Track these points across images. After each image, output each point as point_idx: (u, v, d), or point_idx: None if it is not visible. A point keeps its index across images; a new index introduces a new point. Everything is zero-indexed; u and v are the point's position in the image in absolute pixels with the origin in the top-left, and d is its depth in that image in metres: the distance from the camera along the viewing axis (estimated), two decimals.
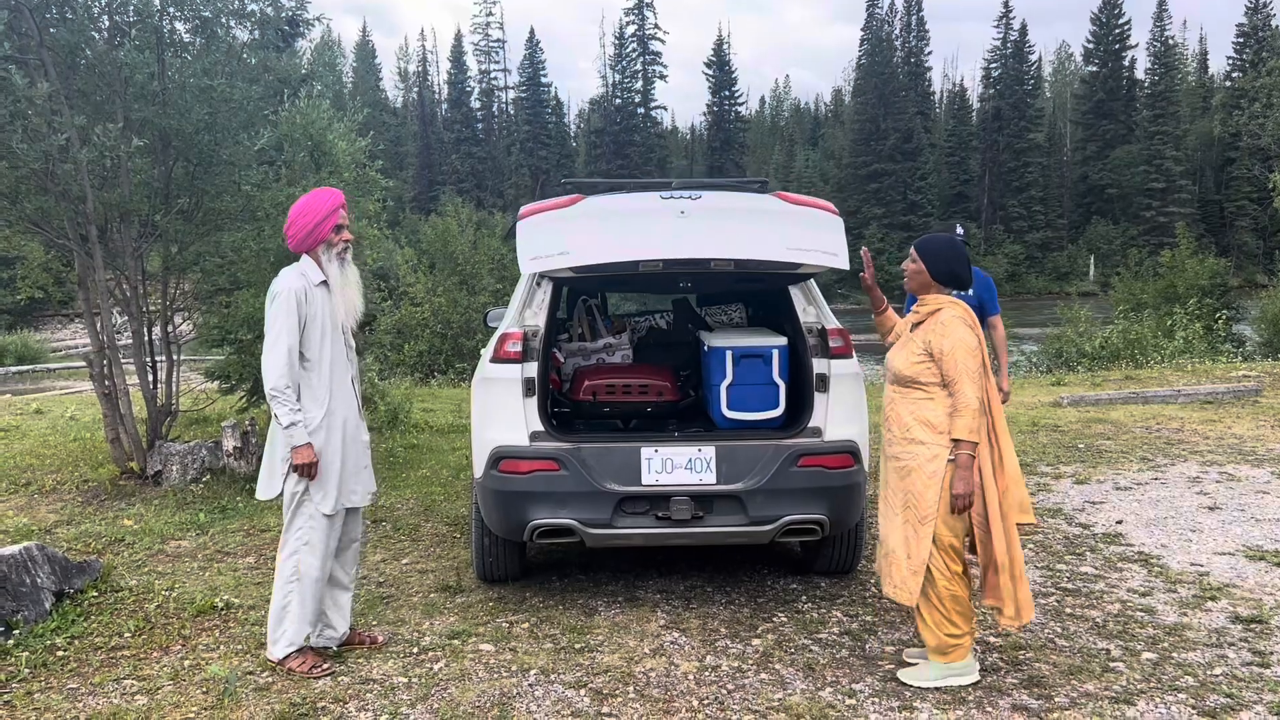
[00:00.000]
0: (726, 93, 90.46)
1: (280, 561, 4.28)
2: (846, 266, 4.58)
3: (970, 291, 5.75)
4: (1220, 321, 22.62)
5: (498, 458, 4.77)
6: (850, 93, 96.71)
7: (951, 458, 3.87)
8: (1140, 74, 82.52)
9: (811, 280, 5.28)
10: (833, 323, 5.03)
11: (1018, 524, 4.01)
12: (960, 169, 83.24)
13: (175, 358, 8.39)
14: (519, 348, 4.82)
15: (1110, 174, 77.91)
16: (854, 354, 5.04)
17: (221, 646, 4.51)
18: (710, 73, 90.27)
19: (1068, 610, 4.94)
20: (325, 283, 4.29)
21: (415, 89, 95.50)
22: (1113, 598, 5.13)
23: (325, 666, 4.21)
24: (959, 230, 6.11)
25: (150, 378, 8.11)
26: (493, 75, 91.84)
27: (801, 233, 4.58)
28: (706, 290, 6.58)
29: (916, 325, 4.11)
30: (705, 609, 5.01)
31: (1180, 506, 7.06)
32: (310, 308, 4.20)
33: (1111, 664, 4.24)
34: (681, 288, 6.24)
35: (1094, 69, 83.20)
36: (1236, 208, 74.99)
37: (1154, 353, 19.26)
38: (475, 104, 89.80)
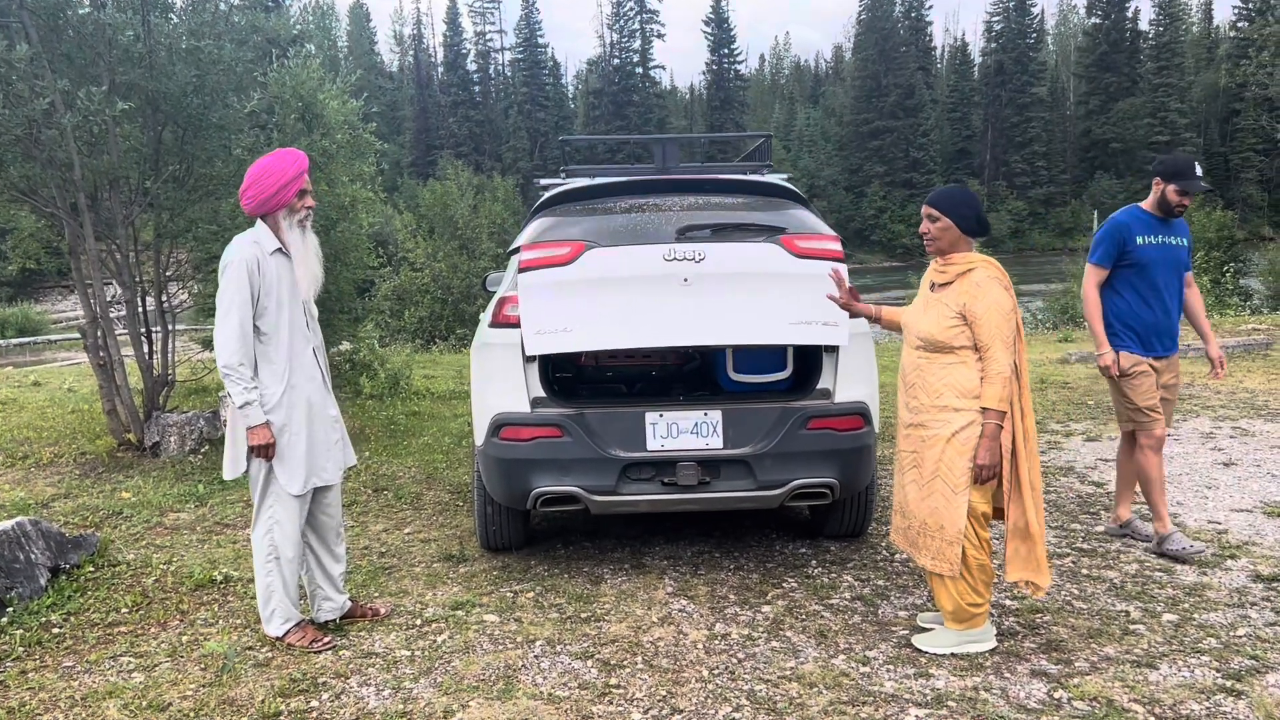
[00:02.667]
0: (725, 51, 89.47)
1: (255, 542, 4.14)
2: (845, 342, 4.54)
3: (1185, 240, 5.13)
4: (1228, 275, 22.40)
5: (499, 425, 4.65)
6: (851, 49, 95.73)
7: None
8: (1144, 25, 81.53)
9: None
10: None
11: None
12: (962, 125, 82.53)
13: (171, 327, 8.26)
14: (518, 312, 4.67)
15: (1113, 127, 77.17)
16: None
17: (220, 621, 4.42)
18: (709, 30, 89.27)
19: (1084, 571, 4.83)
20: (281, 250, 4.07)
21: (410, 52, 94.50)
22: (1129, 558, 5.02)
23: (326, 640, 4.12)
24: (1198, 170, 5.03)
25: (146, 348, 7.99)
26: (488, 37, 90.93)
27: (804, 301, 4.45)
28: None
29: (943, 285, 3.91)
30: (713, 575, 4.90)
31: (1195, 463, 6.94)
32: (264, 278, 3.99)
33: (1131, 626, 4.13)
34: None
35: (1097, 20, 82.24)
36: (1241, 160, 74.29)
37: None
38: (471, 66, 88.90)
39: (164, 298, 8.18)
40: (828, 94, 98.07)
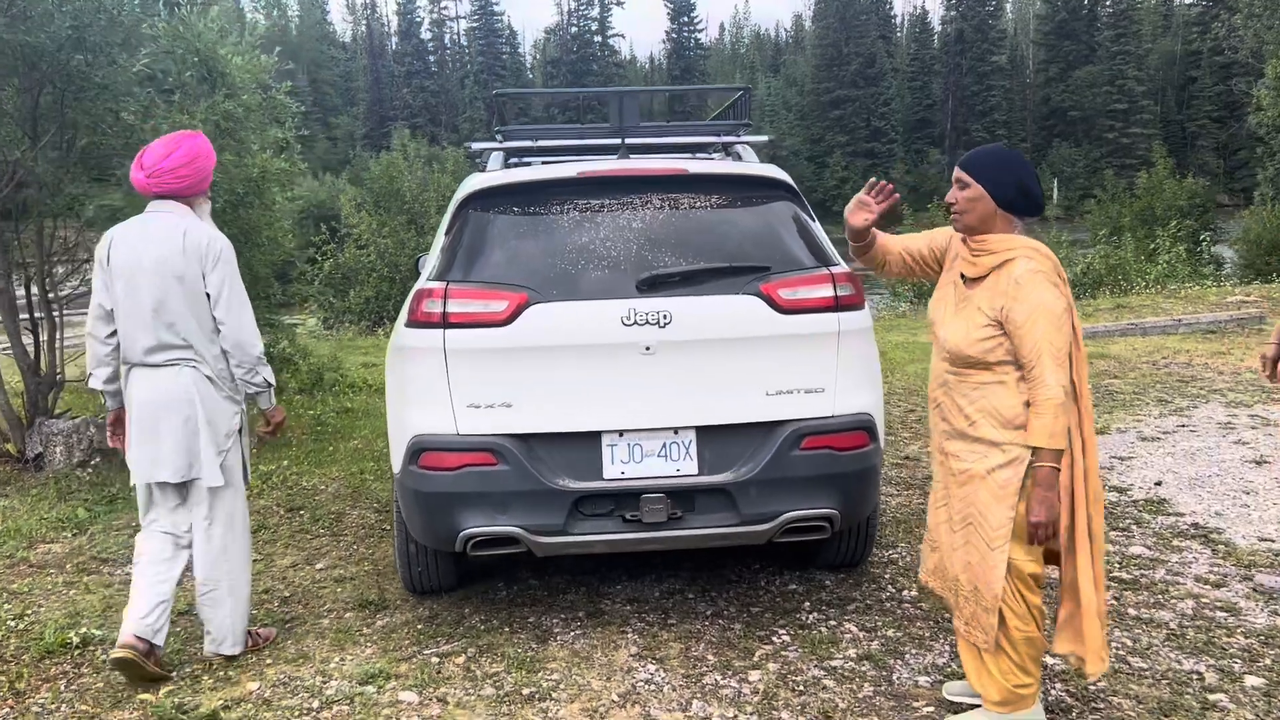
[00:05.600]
0: (685, 19, 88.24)
1: (238, 548, 3.77)
2: (831, 411, 3.78)
3: None
4: (1204, 244, 21.92)
5: (418, 449, 3.71)
6: (811, 18, 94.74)
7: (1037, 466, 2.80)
8: None
9: (810, 214, 4.21)
10: (840, 265, 3.97)
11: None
12: (923, 94, 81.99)
13: (58, 318, 7.20)
14: (440, 308, 3.73)
15: (1072, 96, 76.90)
16: (865, 303, 4.01)
17: (63, 707, 3.47)
18: None
19: (1132, 612, 4.01)
20: None
21: (364, 21, 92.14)
22: (1181, 591, 4.21)
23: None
24: None
25: (33, 341, 6.94)
26: (444, 5, 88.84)
27: (784, 364, 3.75)
28: None
29: (974, 280, 2.98)
30: (686, 626, 4.02)
31: (1222, 460, 6.17)
32: None
33: (1210, 697, 3.31)
34: None
35: None
36: (1198, 127, 74.43)
37: (1137, 278, 18.48)
38: (426, 35, 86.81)
39: (47, 284, 7.11)
40: (788, 63, 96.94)
